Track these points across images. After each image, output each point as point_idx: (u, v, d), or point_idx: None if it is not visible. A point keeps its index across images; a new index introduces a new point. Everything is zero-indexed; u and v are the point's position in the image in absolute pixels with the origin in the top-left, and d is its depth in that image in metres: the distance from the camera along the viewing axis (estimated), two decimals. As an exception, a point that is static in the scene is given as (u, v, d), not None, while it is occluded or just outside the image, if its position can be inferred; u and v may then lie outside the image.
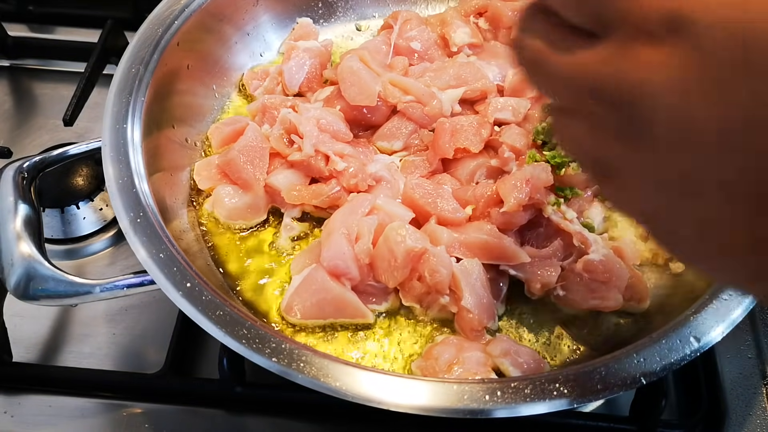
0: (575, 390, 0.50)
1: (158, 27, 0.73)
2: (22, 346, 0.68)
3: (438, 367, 0.59)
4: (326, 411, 0.64)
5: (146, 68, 0.69)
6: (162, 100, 0.71)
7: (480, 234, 0.65)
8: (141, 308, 0.71)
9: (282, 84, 0.81)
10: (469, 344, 0.61)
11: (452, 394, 0.50)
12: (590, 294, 0.64)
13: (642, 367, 0.51)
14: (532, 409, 0.50)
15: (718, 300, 0.56)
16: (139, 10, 0.93)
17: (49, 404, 0.65)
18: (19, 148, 0.83)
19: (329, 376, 0.50)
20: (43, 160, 0.66)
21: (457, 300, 0.63)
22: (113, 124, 0.65)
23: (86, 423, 0.64)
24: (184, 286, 0.54)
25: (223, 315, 0.53)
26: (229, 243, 0.70)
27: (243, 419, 0.64)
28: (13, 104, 0.90)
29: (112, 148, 0.63)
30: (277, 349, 0.51)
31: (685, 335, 0.53)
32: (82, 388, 0.66)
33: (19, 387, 0.66)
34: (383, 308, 0.65)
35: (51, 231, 0.76)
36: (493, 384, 0.51)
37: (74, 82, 0.81)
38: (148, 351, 0.69)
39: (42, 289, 0.56)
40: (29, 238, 0.58)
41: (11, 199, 0.60)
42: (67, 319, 0.71)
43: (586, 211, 0.70)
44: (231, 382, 0.62)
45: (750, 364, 0.67)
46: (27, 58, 0.94)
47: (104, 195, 0.79)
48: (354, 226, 0.64)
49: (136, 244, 0.57)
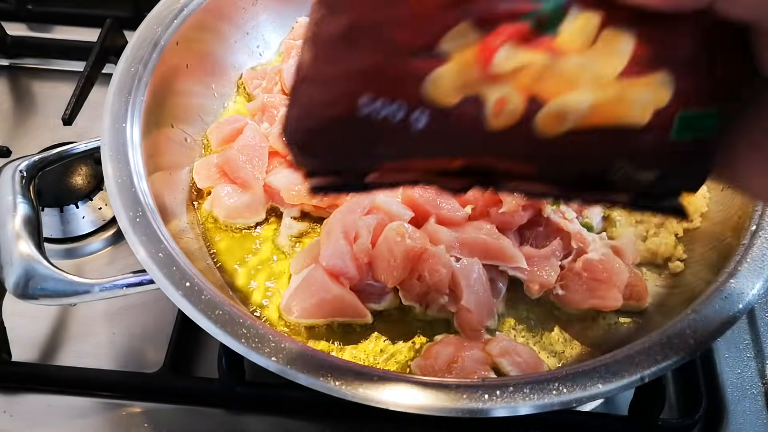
0: (574, 389, 0.50)
1: (157, 26, 0.73)
2: (22, 346, 0.68)
3: (437, 366, 0.60)
4: (326, 410, 0.64)
5: (145, 67, 0.69)
6: (161, 100, 0.71)
7: (479, 234, 0.65)
8: (140, 307, 0.71)
9: (281, 83, 0.81)
10: (468, 343, 0.62)
11: (451, 393, 0.50)
12: (589, 293, 0.64)
13: (641, 366, 0.51)
14: (531, 408, 0.50)
15: (717, 300, 0.56)
16: (139, 10, 0.93)
17: (48, 403, 0.65)
18: (18, 147, 0.83)
19: (329, 376, 0.50)
20: (43, 159, 0.66)
21: (456, 299, 0.63)
22: (112, 123, 0.65)
23: (86, 422, 0.64)
24: (184, 285, 0.54)
25: (222, 314, 0.53)
26: (229, 242, 0.70)
27: (242, 418, 0.64)
28: (12, 103, 0.90)
29: (111, 148, 0.63)
30: (277, 349, 0.51)
31: (685, 335, 0.53)
32: (81, 388, 0.66)
33: (19, 386, 0.66)
34: (382, 307, 0.65)
35: (50, 230, 0.76)
36: (492, 383, 0.51)
37: (73, 81, 0.81)
38: (147, 350, 0.69)
39: (41, 289, 0.56)
40: (28, 237, 0.58)
41: (10, 198, 0.60)
42: (67, 319, 0.71)
43: (585, 210, 0.70)
44: (230, 381, 0.62)
45: (749, 364, 0.68)
46: (26, 57, 0.94)
47: (103, 194, 0.79)
48: (353, 226, 0.64)
49: (135, 244, 0.57)
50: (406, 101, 0.33)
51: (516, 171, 0.37)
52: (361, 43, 0.32)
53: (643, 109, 0.33)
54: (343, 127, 0.34)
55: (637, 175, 0.36)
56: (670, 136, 0.34)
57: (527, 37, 0.32)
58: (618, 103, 0.33)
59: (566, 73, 0.32)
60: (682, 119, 0.33)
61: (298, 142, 0.36)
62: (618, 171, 0.36)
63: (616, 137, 0.34)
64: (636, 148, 0.34)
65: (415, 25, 0.31)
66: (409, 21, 0.31)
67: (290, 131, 0.36)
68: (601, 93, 0.33)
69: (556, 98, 0.32)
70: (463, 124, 0.33)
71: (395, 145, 0.35)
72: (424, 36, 0.32)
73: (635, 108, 0.33)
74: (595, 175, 0.36)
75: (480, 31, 0.31)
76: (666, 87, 0.33)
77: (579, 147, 0.34)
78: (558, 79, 0.32)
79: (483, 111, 0.33)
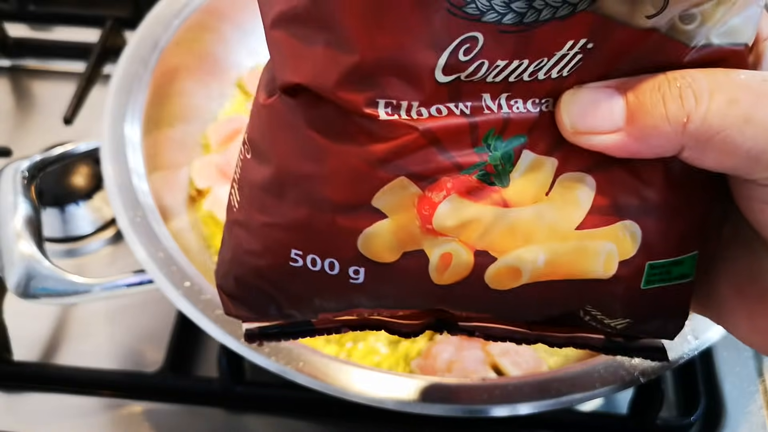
0: (574, 389, 0.50)
1: (158, 26, 0.73)
2: (22, 345, 0.68)
3: (437, 365, 0.60)
4: (326, 410, 0.64)
5: (145, 67, 0.69)
6: (161, 99, 0.71)
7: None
8: (141, 307, 0.71)
9: (281, 83, 0.81)
10: (468, 343, 0.62)
11: (452, 392, 0.50)
12: (589, 293, 0.64)
13: (640, 365, 0.51)
14: (531, 407, 0.50)
15: (716, 299, 0.56)
16: (139, 10, 0.93)
17: (49, 403, 0.65)
18: (19, 147, 0.83)
19: (328, 376, 0.50)
20: (44, 159, 0.66)
21: (456, 299, 0.63)
22: (112, 123, 0.65)
23: (86, 421, 0.64)
24: (183, 285, 0.55)
25: (222, 314, 0.53)
26: (229, 242, 0.70)
27: (242, 418, 0.64)
28: (13, 104, 0.90)
29: (111, 148, 0.63)
30: (276, 349, 0.51)
31: (684, 334, 0.53)
32: (82, 387, 0.66)
33: (20, 386, 0.66)
34: (382, 307, 0.65)
35: (51, 230, 0.76)
36: (492, 383, 0.51)
37: (74, 81, 0.81)
38: (147, 350, 0.69)
39: (42, 288, 0.56)
40: (29, 237, 0.58)
41: (11, 199, 0.60)
42: (67, 318, 0.71)
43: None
44: (230, 380, 0.63)
45: (747, 363, 0.68)
46: (27, 57, 0.94)
47: (104, 194, 0.79)
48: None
49: (135, 244, 0.57)
50: (338, 259, 0.29)
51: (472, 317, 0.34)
52: (287, 195, 0.29)
53: (607, 262, 0.30)
54: (275, 279, 0.30)
55: (606, 321, 0.32)
56: (640, 285, 0.30)
57: (473, 190, 0.28)
58: (578, 257, 0.29)
59: (519, 227, 0.29)
60: (653, 268, 0.30)
61: (226, 289, 0.32)
62: (587, 314, 0.32)
63: (579, 288, 0.30)
64: (602, 298, 0.31)
65: (343, 182, 0.28)
66: (337, 177, 0.28)
67: (219, 275, 0.32)
68: (559, 246, 0.29)
69: (509, 253, 0.29)
70: (406, 279, 0.30)
71: (333, 299, 0.31)
72: (354, 192, 0.28)
73: (598, 261, 0.29)
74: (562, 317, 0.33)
75: (419, 185, 0.28)
76: (632, 237, 0.30)
77: (537, 298, 0.31)
78: (510, 234, 0.29)
79: (426, 266, 0.29)
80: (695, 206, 0.30)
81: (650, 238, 0.30)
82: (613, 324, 0.33)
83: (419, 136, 0.27)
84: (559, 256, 0.29)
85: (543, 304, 0.31)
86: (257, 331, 0.35)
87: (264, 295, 0.32)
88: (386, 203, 0.28)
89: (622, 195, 0.29)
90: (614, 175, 0.29)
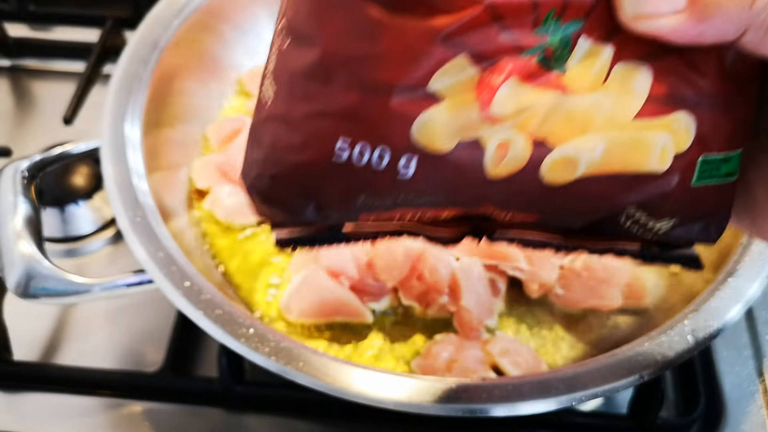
0: (574, 388, 0.50)
1: (157, 26, 0.73)
2: (22, 345, 0.68)
3: (437, 365, 0.60)
4: (326, 410, 0.64)
5: (145, 67, 0.69)
6: (161, 99, 0.71)
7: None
8: (140, 307, 0.71)
9: (281, 83, 0.81)
10: (468, 343, 0.62)
11: (451, 392, 0.50)
12: (589, 293, 0.64)
13: (640, 365, 0.51)
14: (530, 407, 0.50)
15: (716, 298, 0.56)
16: (139, 10, 0.93)
17: (49, 402, 0.65)
18: (19, 147, 0.84)
19: (328, 375, 0.50)
20: (44, 159, 0.66)
21: (456, 299, 0.63)
22: (112, 123, 0.65)
23: (86, 421, 0.64)
24: (183, 285, 0.55)
25: (222, 314, 0.53)
26: (228, 242, 0.70)
27: (242, 418, 0.64)
28: (13, 104, 0.90)
29: (111, 148, 0.63)
30: (276, 348, 0.51)
31: (684, 333, 0.53)
32: (82, 387, 0.66)
33: (20, 386, 0.66)
34: (382, 307, 0.65)
35: (50, 230, 0.76)
36: (492, 382, 0.51)
37: (74, 81, 0.81)
38: (147, 350, 0.69)
39: (42, 288, 0.56)
40: (29, 237, 0.58)
41: (11, 198, 0.60)
42: (68, 318, 0.71)
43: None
44: (230, 380, 0.63)
45: (747, 362, 0.68)
46: (27, 57, 0.94)
47: (104, 194, 0.79)
48: (353, 225, 0.64)
49: (134, 244, 0.57)
50: (390, 147, 0.28)
51: (515, 220, 0.33)
52: (335, 79, 0.27)
53: (663, 155, 0.30)
54: (316, 175, 0.29)
55: (650, 224, 0.32)
56: (691, 183, 0.31)
57: (532, 74, 0.27)
58: (635, 148, 0.29)
59: (578, 115, 0.28)
60: (704, 164, 0.30)
61: (260, 190, 0.31)
62: (629, 219, 0.32)
63: (631, 184, 0.30)
64: (652, 196, 0.31)
65: (399, 61, 0.26)
66: (393, 56, 0.26)
67: (251, 177, 0.31)
68: (617, 136, 0.29)
69: (567, 143, 0.29)
70: (458, 171, 0.29)
71: (378, 196, 0.30)
72: (411, 72, 0.27)
73: (654, 153, 0.29)
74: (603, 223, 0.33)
75: (478, 66, 0.27)
76: (686, 129, 0.30)
77: (588, 195, 0.30)
78: (568, 121, 0.28)
79: (482, 157, 0.29)
80: (746, 101, 0.30)
81: (704, 131, 0.30)
82: (656, 227, 0.32)
83: (483, 11, 0.26)
84: (616, 146, 0.29)
85: (592, 201, 0.31)
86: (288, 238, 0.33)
87: (303, 195, 0.30)
88: (444, 85, 0.27)
89: (678, 85, 0.29)
90: (670, 65, 0.29)
